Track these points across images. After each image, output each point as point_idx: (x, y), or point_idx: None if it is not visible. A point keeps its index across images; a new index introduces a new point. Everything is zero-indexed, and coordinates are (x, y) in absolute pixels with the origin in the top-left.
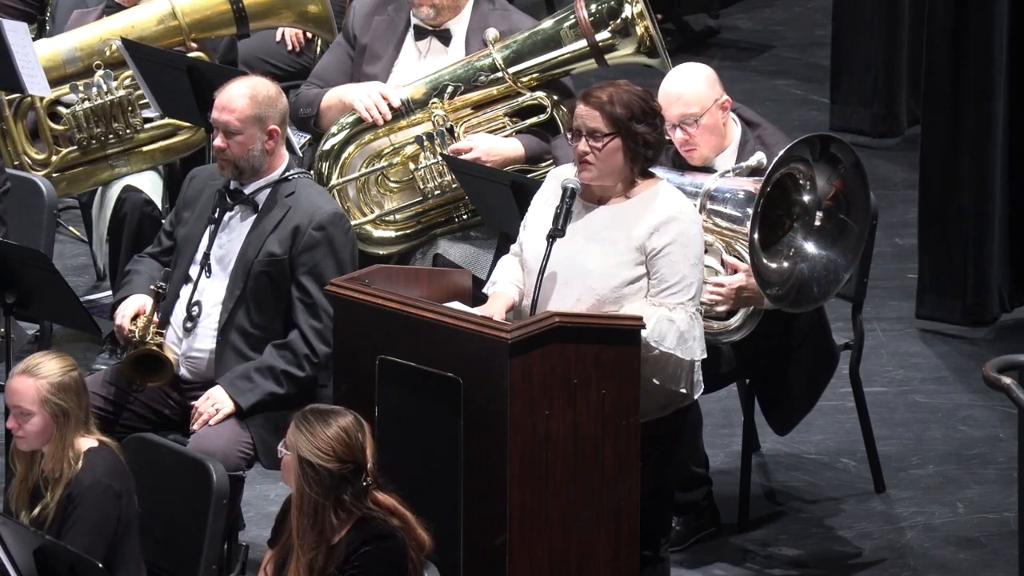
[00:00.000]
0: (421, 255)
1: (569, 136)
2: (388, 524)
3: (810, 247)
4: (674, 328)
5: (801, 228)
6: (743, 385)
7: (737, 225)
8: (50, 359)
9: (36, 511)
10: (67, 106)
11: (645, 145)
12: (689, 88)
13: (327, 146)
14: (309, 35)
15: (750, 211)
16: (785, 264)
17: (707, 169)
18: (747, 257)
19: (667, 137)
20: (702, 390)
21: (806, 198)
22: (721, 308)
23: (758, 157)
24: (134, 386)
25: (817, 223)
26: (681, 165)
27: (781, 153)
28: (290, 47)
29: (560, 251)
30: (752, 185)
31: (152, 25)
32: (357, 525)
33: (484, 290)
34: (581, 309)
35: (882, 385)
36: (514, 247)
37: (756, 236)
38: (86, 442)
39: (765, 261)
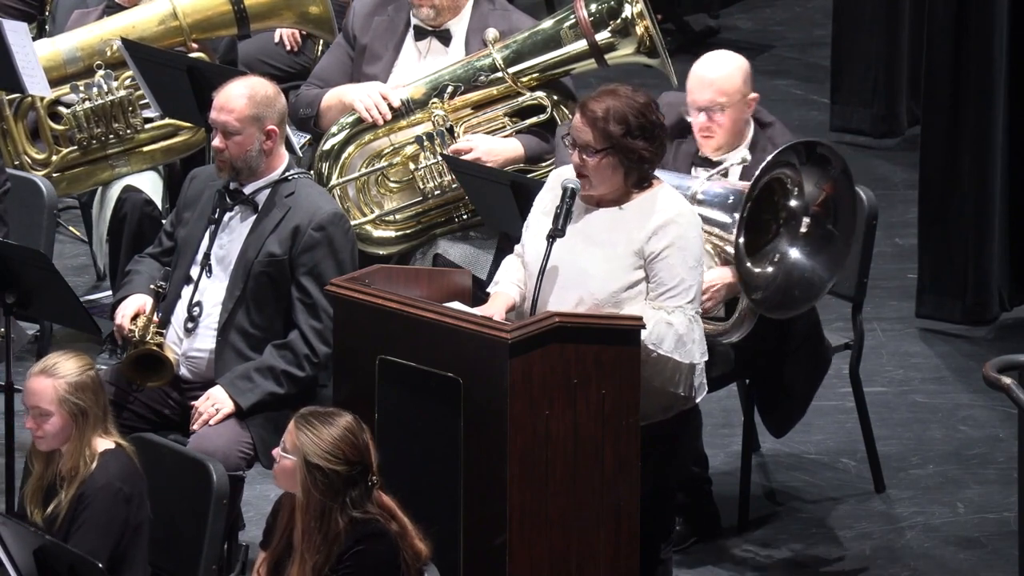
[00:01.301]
0: (421, 255)
1: (567, 143)
2: (381, 524)
3: (795, 253)
4: (672, 331)
5: (787, 233)
6: (743, 385)
7: (724, 231)
8: (67, 358)
9: (50, 509)
10: (67, 106)
11: (640, 160)
12: (724, 75)
13: (327, 146)
14: (305, 33)
15: (737, 216)
16: (770, 269)
17: (707, 161)
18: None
19: (666, 135)
20: (705, 392)
21: (793, 203)
22: (708, 305)
23: (741, 154)
24: (134, 386)
25: (803, 229)
26: (698, 157)
27: (768, 159)
28: (288, 47)
29: (560, 253)
30: (739, 188)
31: (153, 25)
32: (351, 524)
33: (488, 290)
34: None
35: (882, 385)
36: (517, 247)
37: (742, 241)
38: (103, 443)
39: (749, 265)
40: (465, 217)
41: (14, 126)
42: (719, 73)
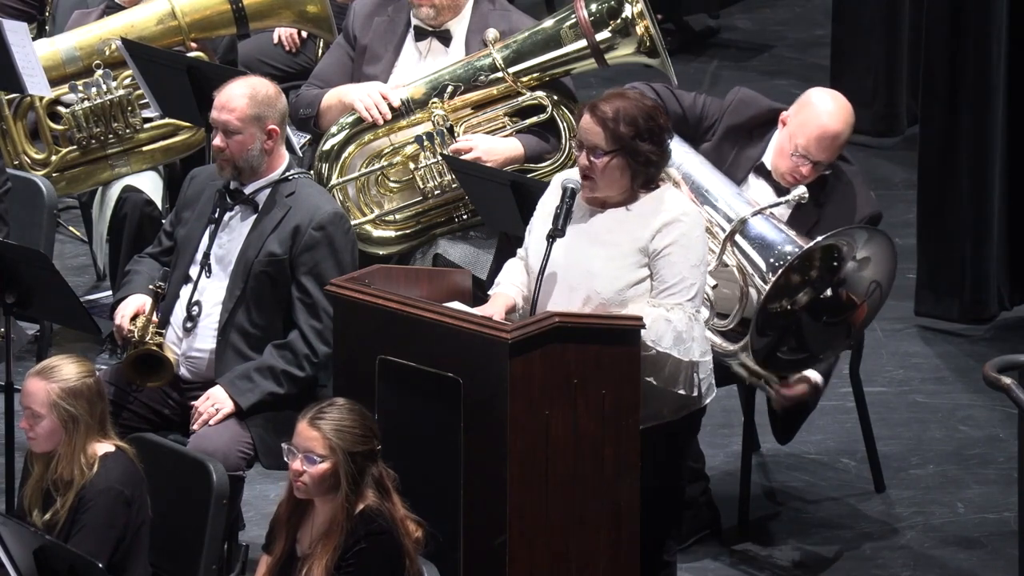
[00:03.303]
0: (421, 255)
1: (573, 145)
2: (384, 521)
3: (805, 318)
4: (671, 328)
5: (810, 293)
6: (743, 385)
7: (755, 274)
8: (68, 363)
9: (48, 515)
10: (67, 106)
11: (647, 163)
12: (845, 136)
13: (327, 146)
14: (304, 35)
15: (769, 275)
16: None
17: (764, 172)
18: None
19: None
20: (714, 393)
21: (836, 266)
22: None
23: (799, 191)
24: (134, 386)
25: (828, 293)
26: (764, 173)
27: (828, 236)
28: (287, 47)
29: (565, 255)
30: (789, 246)
31: (152, 25)
32: (358, 517)
33: (488, 291)
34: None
35: (882, 385)
36: (520, 250)
37: (765, 296)
38: (102, 447)
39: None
40: (465, 217)
41: (14, 126)
42: (844, 131)
